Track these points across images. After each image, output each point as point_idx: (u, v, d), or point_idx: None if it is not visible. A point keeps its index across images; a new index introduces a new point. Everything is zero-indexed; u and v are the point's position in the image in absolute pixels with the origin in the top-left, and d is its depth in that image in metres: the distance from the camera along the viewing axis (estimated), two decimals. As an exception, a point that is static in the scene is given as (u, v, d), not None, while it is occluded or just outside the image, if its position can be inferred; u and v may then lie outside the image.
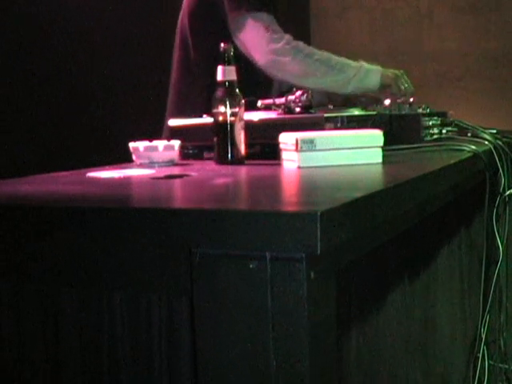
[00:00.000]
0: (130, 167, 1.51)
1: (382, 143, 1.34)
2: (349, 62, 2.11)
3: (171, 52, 2.31)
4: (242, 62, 1.74)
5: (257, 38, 1.99)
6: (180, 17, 2.20)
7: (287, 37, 2.07)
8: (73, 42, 3.07)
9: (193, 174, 1.34)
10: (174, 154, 1.56)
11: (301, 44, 2.08)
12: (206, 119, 1.66)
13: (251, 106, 1.71)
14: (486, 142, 1.65)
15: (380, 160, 1.34)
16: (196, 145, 1.72)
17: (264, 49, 2.03)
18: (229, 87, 1.49)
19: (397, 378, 1.31)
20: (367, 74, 2.10)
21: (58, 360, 0.97)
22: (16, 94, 2.85)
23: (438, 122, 1.81)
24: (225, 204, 0.95)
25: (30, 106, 2.91)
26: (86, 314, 0.95)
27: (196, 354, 0.84)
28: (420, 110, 1.80)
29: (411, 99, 1.92)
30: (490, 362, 1.74)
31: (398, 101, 1.93)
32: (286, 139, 1.38)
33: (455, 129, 1.82)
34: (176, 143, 1.57)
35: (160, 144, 1.55)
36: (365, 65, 2.13)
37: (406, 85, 2.14)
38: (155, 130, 2.23)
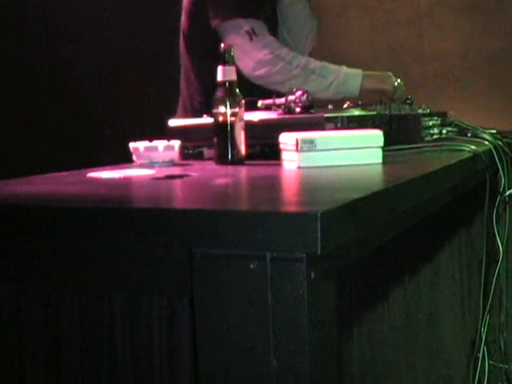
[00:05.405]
0: (130, 167, 1.51)
1: (382, 143, 1.34)
2: (328, 67, 2.12)
3: (171, 52, 2.32)
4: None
5: (239, 48, 1.93)
6: (181, 19, 2.22)
7: (271, 43, 2.08)
8: (73, 42, 3.08)
9: (193, 174, 1.34)
10: (174, 155, 1.56)
11: (284, 51, 2.09)
12: (206, 119, 1.66)
13: (251, 106, 1.71)
14: (486, 142, 1.65)
15: (380, 160, 1.34)
16: (196, 145, 1.72)
17: (247, 59, 2.05)
18: (229, 87, 1.49)
19: (397, 378, 1.31)
20: (346, 78, 2.11)
21: (59, 360, 0.98)
22: (16, 94, 2.85)
23: (438, 122, 1.81)
24: (225, 204, 0.95)
25: (30, 106, 2.91)
26: (86, 315, 0.95)
27: (196, 354, 0.84)
28: (420, 110, 1.80)
29: (407, 100, 1.92)
30: (490, 361, 1.74)
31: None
32: (286, 139, 1.38)
33: (455, 129, 1.82)
34: (176, 143, 1.57)
35: (160, 144, 1.55)
36: (344, 69, 2.14)
37: (396, 84, 2.15)
38: (155, 130, 2.24)
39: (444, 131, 1.80)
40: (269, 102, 1.75)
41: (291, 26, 2.34)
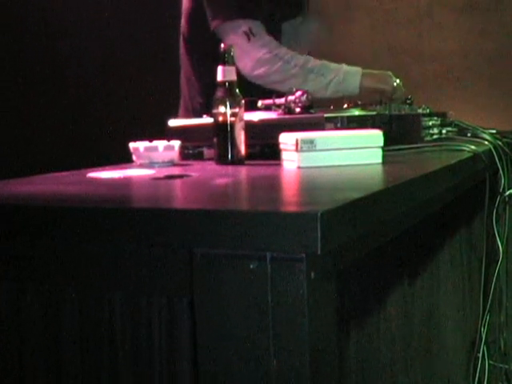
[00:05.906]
0: (130, 167, 1.51)
1: (381, 143, 1.34)
2: (328, 65, 2.12)
3: (171, 53, 2.32)
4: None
5: (238, 48, 1.91)
6: (181, 22, 2.22)
7: (269, 43, 2.08)
8: (73, 42, 3.08)
9: (193, 174, 1.34)
10: (174, 155, 1.56)
11: (282, 50, 2.10)
12: (206, 119, 1.66)
13: (251, 106, 1.71)
14: (486, 142, 1.66)
15: (380, 160, 1.34)
16: (196, 145, 1.72)
17: (246, 59, 2.05)
18: (229, 87, 1.49)
19: (397, 378, 1.31)
20: (345, 77, 2.11)
21: (59, 360, 0.98)
22: (16, 94, 2.85)
23: (438, 122, 1.81)
24: (225, 204, 0.95)
25: (30, 106, 2.91)
26: (86, 315, 0.95)
27: (196, 354, 0.84)
28: (420, 110, 1.80)
29: (407, 100, 1.92)
30: (490, 361, 1.74)
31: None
32: (286, 139, 1.38)
33: (455, 129, 1.82)
34: (176, 143, 1.57)
35: (160, 144, 1.55)
36: (344, 67, 2.13)
37: (396, 84, 2.15)
38: (155, 130, 2.24)
39: (444, 131, 1.80)
40: (269, 102, 1.75)
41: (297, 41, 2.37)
